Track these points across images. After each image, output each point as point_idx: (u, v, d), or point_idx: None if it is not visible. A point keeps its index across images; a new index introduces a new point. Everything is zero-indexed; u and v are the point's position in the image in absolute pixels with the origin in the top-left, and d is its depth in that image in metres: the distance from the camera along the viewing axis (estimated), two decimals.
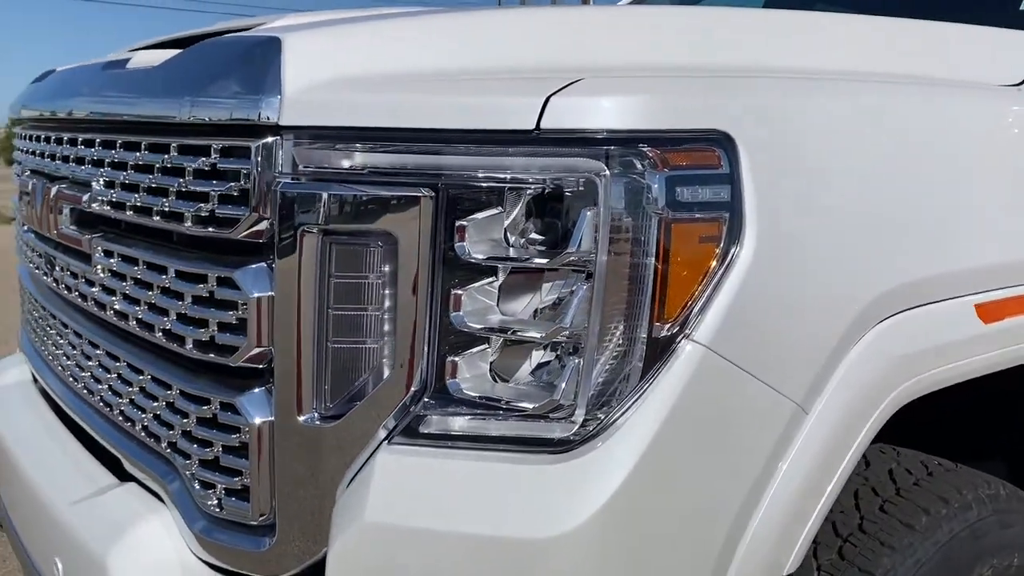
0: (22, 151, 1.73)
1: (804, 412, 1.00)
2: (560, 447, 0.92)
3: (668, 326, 0.92)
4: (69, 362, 1.50)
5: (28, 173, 1.65)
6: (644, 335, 0.92)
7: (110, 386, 1.34)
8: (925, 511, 1.28)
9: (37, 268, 1.66)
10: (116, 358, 1.31)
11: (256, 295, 1.01)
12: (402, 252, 0.94)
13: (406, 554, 0.94)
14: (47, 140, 1.53)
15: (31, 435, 1.54)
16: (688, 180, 0.92)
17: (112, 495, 1.26)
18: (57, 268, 1.53)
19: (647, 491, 0.90)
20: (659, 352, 0.92)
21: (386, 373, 0.97)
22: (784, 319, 0.98)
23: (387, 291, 0.96)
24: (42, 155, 1.57)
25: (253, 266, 1.02)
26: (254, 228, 1.01)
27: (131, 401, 1.27)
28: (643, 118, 0.91)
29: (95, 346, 1.38)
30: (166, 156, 1.13)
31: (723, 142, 0.94)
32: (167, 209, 1.13)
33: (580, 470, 0.90)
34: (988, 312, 1.20)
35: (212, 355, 1.08)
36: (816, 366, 1.00)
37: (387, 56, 1.02)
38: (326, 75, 0.99)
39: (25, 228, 1.73)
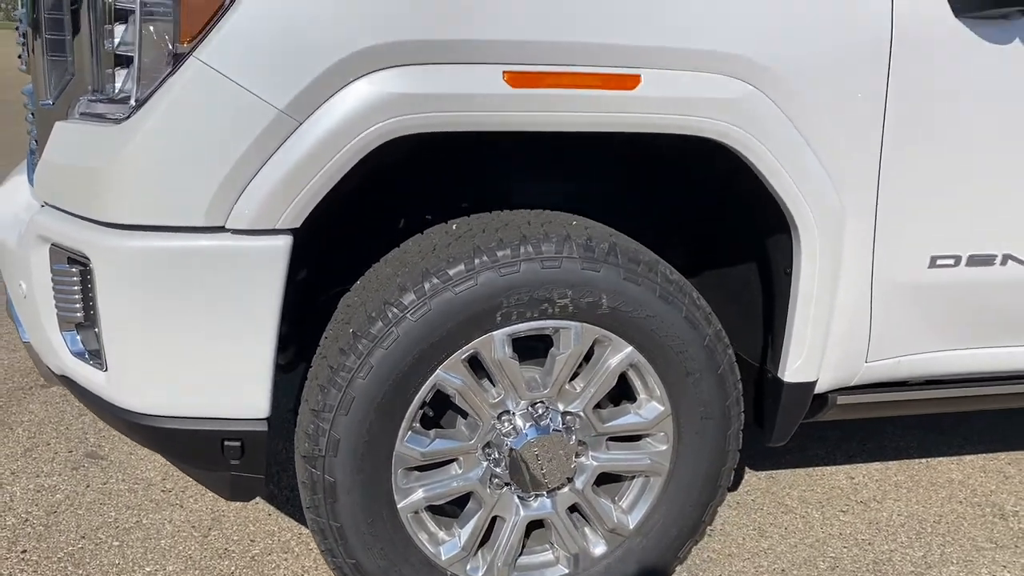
0: None
1: (294, 120, 1.46)
2: (124, 117, 1.49)
3: (181, 47, 1.43)
4: None
5: None
6: (168, 51, 1.44)
7: None
8: (502, 241, 1.66)
9: None
10: None
11: None
12: None
13: (63, 168, 1.61)
14: None
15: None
16: None
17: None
18: None
19: (161, 135, 1.46)
20: (176, 63, 1.44)
21: (76, 77, 1.59)
22: (276, 53, 1.43)
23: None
24: None
25: None
26: None
27: None
28: None
29: None
30: None
31: None
32: None
33: (129, 126, 1.48)
34: (517, 79, 1.52)
35: None
36: (302, 87, 1.44)
37: None
38: None
39: None
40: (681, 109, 1.61)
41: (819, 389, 1.96)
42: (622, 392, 1.88)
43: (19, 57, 1.79)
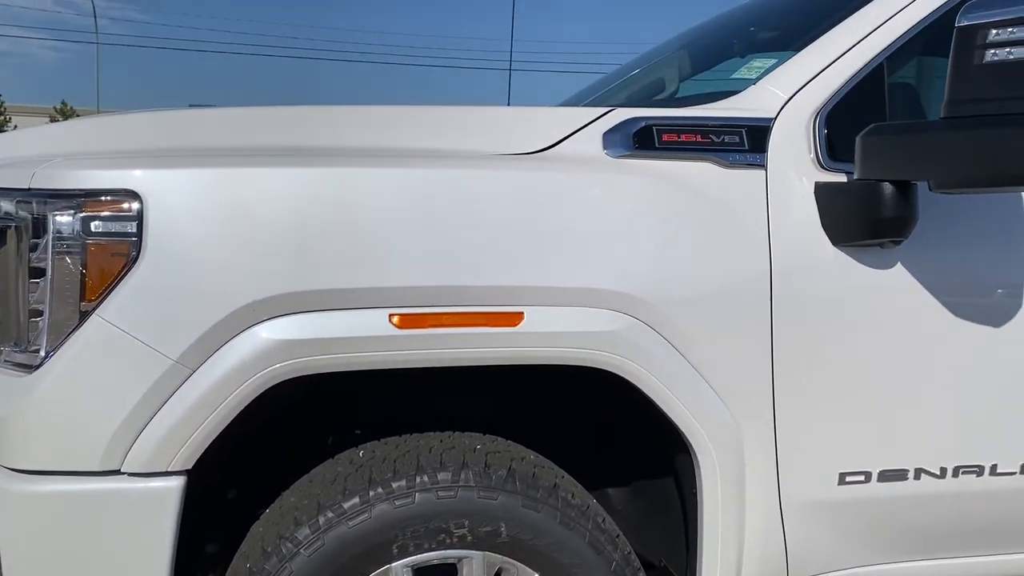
0: None
1: (187, 368, 1.55)
2: (34, 367, 1.59)
3: (86, 305, 1.56)
4: None
5: None
6: (74, 308, 1.56)
7: None
8: (397, 472, 1.70)
9: None
10: None
11: None
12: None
13: None
14: None
15: None
16: (102, 218, 1.56)
17: None
18: None
19: (63, 385, 1.55)
20: (81, 319, 1.56)
21: (1, 328, 1.72)
22: (170, 308, 1.55)
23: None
24: None
25: None
26: None
27: None
28: (74, 182, 1.57)
29: None
30: None
31: (132, 195, 1.55)
32: None
33: (37, 376, 1.58)
34: (404, 320, 1.62)
35: None
36: (194, 339, 1.55)
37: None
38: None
39: None
40: (564, 342, 1.69)
41: None
42: None
43: None
